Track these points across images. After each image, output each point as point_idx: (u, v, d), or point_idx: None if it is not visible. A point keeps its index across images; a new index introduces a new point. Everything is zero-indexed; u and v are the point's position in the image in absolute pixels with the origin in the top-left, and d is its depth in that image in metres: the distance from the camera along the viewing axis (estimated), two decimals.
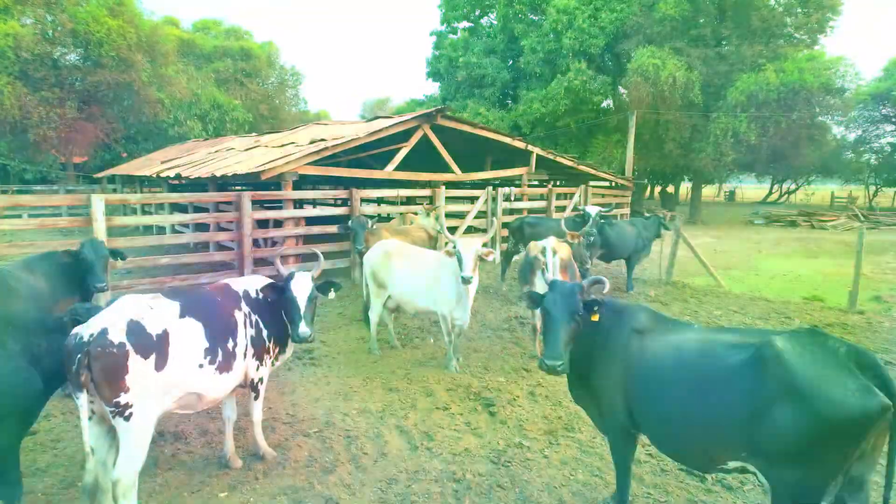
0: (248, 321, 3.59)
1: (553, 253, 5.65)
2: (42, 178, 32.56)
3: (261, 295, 3.75)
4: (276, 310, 3.80)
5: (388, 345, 6.54)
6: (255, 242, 11.21)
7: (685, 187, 39.98)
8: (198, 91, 27.60)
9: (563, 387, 5.30)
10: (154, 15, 27.98)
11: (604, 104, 27.00)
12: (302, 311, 3.66)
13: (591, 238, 8.50)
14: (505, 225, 12.46)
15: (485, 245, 5.43)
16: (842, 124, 22.62)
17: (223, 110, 28.38)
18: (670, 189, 30.46)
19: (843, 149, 33.77)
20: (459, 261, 5.19)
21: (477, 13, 31.88)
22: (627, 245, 9.69)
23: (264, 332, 3.71)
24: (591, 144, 24.65)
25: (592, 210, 8.66)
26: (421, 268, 5.76)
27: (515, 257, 10.07)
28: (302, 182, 21.44)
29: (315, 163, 9.86)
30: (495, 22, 30.68)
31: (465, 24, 32.41)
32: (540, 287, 5.77)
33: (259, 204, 10.83)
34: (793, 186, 42.81)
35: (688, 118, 21.51)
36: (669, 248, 11.13)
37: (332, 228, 9.69)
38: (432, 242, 8.03)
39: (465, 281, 5.09)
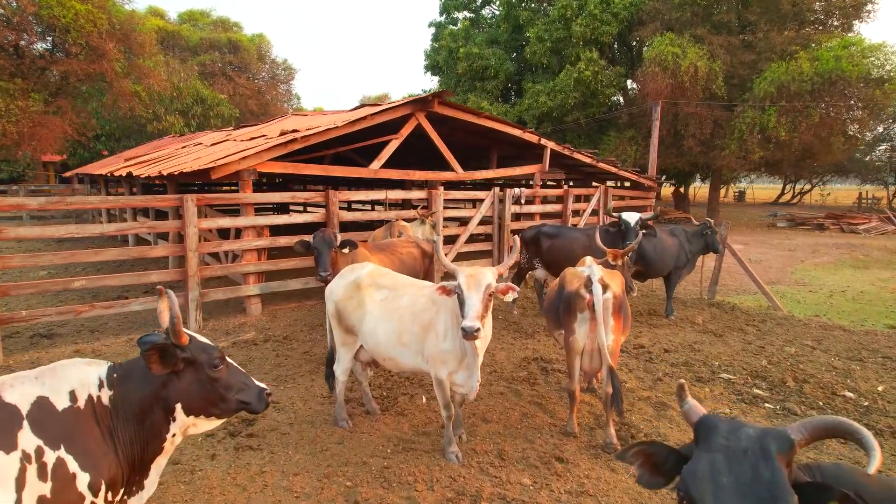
0: (31, 465, 1.76)
1: (603, 288, 3.81)
2: (20, 177, 30.78)
3: (84, 402, 1.93)
4: (130, 418, 2.01)
5: (362, 408, 4.72)
6: (217, 256, 9.41)
7: (692, 187, 37.97)
8: (180, 84, 25.73)
9: (623, 493, 3.47)
10: (133, 3, 26.18)
11: (614, 98, 25.13)
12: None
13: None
14: (516, 233, 10.62)
15: (501, 278, 3.59)
16: (887, 118, 20.70)
17: (207, 105, 26.52)
18: (683, 189, 28.62)
19: (860, 146, 32.00)
20: (461, 302, 3.36)
21: (478, 2, 30.03)
22: (667, 260, 7.86)
23: (84, 478, 1.88)
24: (602, 141, 22.79)
25: (632, 217, 6.80)
26: (407, 307, 3.93)
27: (529, 273, 8.22)
28: (289, 182, 19.63)
29: (284, 158, 8.04)
30: (498, 11, 28.83)
31: (465, 13, 30.55)
32: (581, 337, 3.94)
33: (242, 210, 9.03)
34: (807, 186, 40.91)
35: (709, 112, 19.68)
36: (713, 260, 9.36)
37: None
38: (427, 261, 6.17)
39: (467, 333, 3.26)
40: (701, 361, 5.99)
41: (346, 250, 5.56)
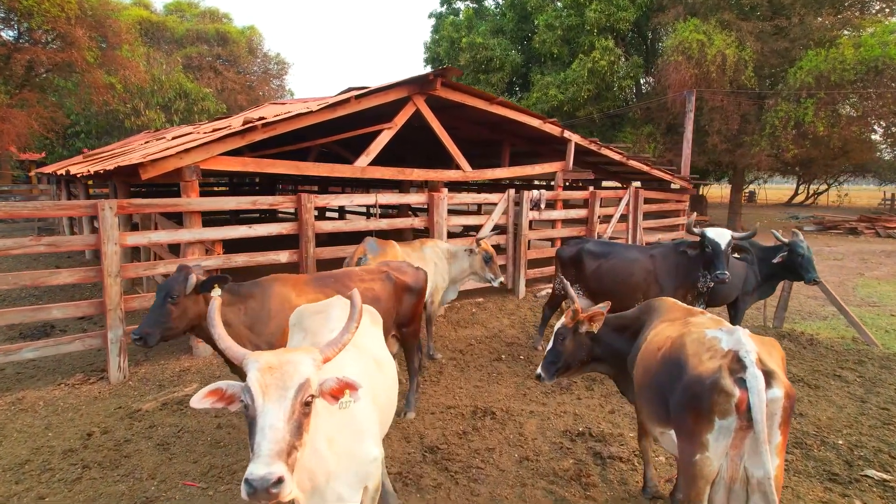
0: None
1: (766, 378, 2.05)
2: None
3: None
4: None
5: None
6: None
7: (702, 189, 36.08)
8: (161, 77, 23.94)
9: None
10: None
11: (630, 90, 23.37)
12: None
13: (711, 285, 4.98)
14: (530, 244, 8.85)
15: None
16: None
17: (191, 99, 24.72)
18: (703, 191, 26.86)
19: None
20: (249, 423, 2.80)
21: None
22: (735, 283, 6.07)
23: None
24: (617, 138, 21.00)
25: (723, 237, 4.91)
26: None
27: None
28: (280, 183, 17.82)
29: (245, 153, 6.28)
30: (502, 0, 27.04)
31: (468, 2, 28.77)
32: (716, 458, 2.18)
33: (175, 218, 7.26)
34: (822, 187, 39.02)
35: (736, 106, 17.88)
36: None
37: (276, 256, 6.19)
38: (410, 299, 4.30)
39: (256, 490, 1.52)
40: (817, 438, 4.22)
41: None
